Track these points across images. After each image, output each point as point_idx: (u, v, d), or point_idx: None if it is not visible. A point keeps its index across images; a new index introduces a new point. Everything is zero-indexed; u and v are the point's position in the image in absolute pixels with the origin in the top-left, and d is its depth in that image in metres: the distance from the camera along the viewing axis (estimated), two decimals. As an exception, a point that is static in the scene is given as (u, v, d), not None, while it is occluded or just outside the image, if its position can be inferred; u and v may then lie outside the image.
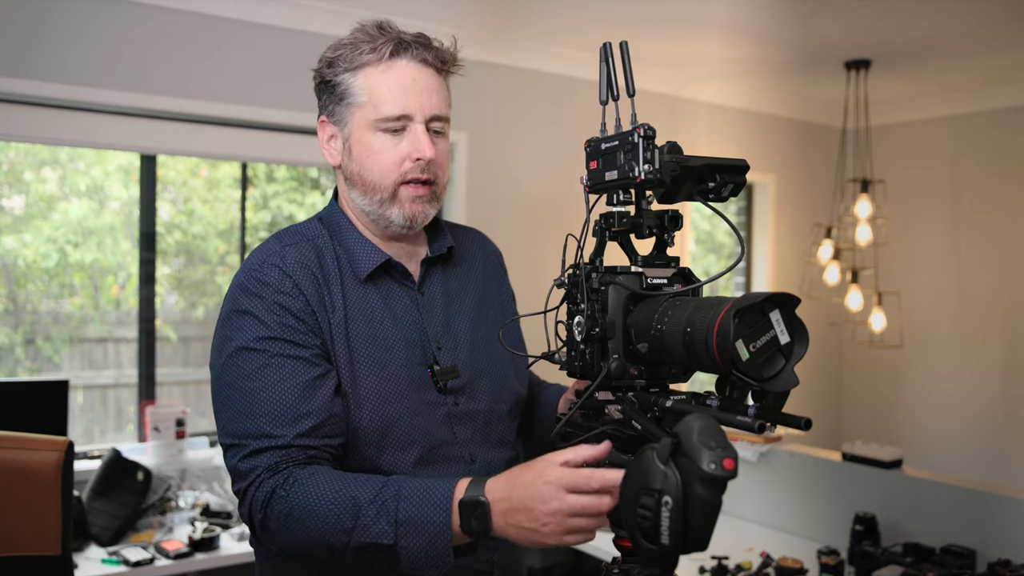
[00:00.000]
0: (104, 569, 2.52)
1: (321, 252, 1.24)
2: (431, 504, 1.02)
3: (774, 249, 5.18)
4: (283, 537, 1.09)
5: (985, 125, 4.86)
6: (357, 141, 1.24)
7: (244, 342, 1.15)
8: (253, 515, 1.10)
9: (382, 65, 1.21)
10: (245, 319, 1.17)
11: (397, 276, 1.29)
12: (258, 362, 1.14)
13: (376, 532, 1.02)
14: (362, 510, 1.03)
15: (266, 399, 1.12)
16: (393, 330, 1.24)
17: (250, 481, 1.10)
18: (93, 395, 4.23)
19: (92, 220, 4.15)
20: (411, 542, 1.01)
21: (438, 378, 1.25)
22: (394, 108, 1.21)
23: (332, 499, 1.04)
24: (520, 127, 4.06)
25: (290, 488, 1.07)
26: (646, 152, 0.95)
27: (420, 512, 1.01)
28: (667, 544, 0.78)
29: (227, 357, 1.17)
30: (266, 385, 1.13)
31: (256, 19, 3.31)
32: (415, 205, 1.24)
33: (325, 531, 1.04)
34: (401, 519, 1.02)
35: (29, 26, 2.89)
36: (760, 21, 3.65)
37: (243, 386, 1.14)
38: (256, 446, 1.11)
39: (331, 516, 1.03)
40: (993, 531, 2.38)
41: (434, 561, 1.02)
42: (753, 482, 3.02)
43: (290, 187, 4.86)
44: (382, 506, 1.03)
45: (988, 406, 4.84)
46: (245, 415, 1.12)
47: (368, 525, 1.02)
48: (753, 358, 0.86)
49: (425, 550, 1.01)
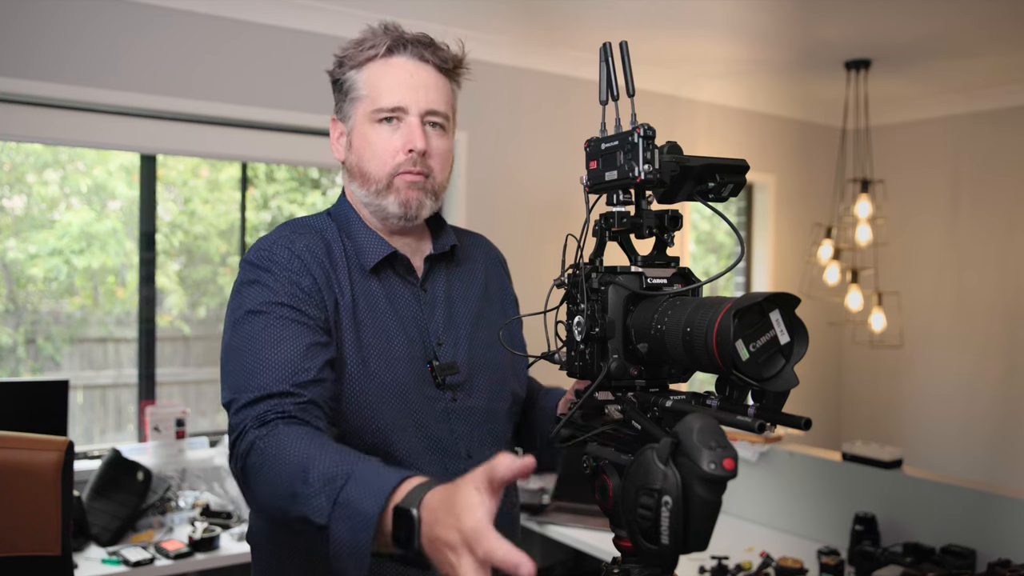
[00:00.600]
0: (104, 569, 2.52)
1: (328, 243, 1.27)
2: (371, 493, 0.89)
3: (774, 249, 5.18)
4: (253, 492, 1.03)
5: (985, 125, 4.86)
6: (357, 133, 1.28)
7: (252, 306, 1.17)
8: (235, 466, 1.06)
9: (381, 61, 1.27)
10: (254, 288, 1.19)
11: (401, 271, 1.31)
12: (263, 323, 1.15)
13: (314, 507, 0.92)
14: (310, 478, 0.94)
15: (266, 356, 1.12)
16: (395, 323, 1.26)
17: (237, 433, 1.08)
18: (93, 395, 4.23)
19: (95, 226, 4.15)
20: (340, 528, 0.90)
21: (437, 373, 1.26)
22: (390, 100, 1.25)
23: (293, 458, 0.97)
24: (520, 127, 4.07)
25: (267, 440, 1.02)
26: (646, 152, 0.95)
27: (358, 499, 0.90)
28: (667, 544, 0.78)
29: (234, 323, 1.18)
30: (268, 343, 1.13)
31: (256, 19, 3.31)
32: (410, 191, 1.26)
33: (277, 492, 0.97)
34: (340, 500, 0.91)
35: (29, 26, 2.89)
36: (760, 21, 3.66)
37: (246, 346, 1.14)
38: (248, 398, 1.09)
39: (285, 476, 0.97)
40: (993, 531, 2.39)
41: (354, 556, 0.88)
42: (753, 482, 3.02)
43: (290, 187, 4.86)
44: (330, 480, 0.93)
45: (988, 406, 4.84)
46: (245, 371, 1.12)
47: (310, 496, 0.93)
48: (753, 358, 0.86)
49: (349, 541, 0.89)
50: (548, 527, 3.02)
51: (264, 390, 1.09)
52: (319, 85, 3.38)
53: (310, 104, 3.43)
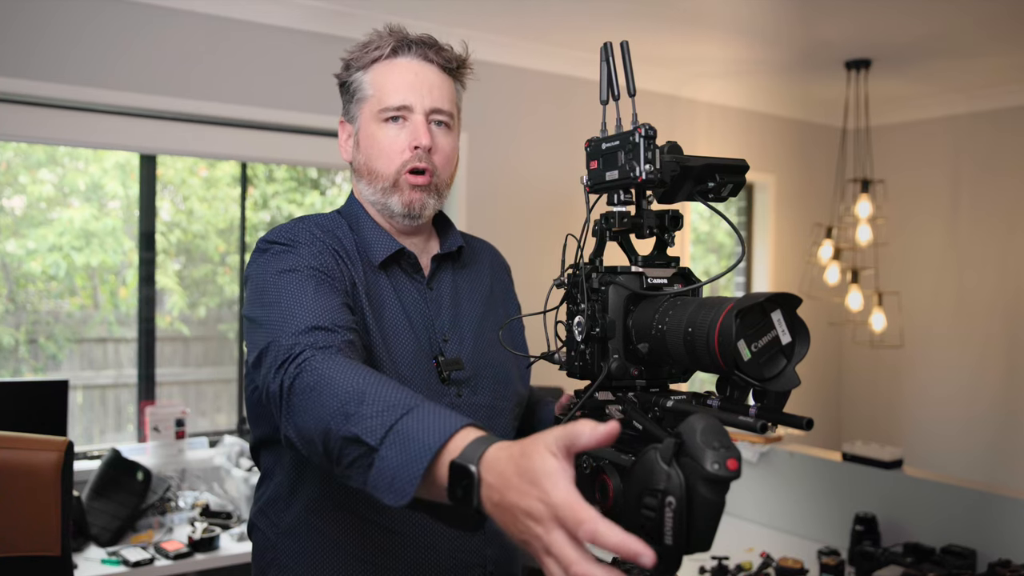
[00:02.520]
0: (104, 569, 2.52)
1: (339, 239, 1.29)
2: (431, 428, 0.86)
3: (774, 249, 5.18)
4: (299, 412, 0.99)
5: (985, 125, 4.86)
6: (364, 133, 1.31)
7: (286, 266, 1.16)
8: (284, 387, 1.02)
9: (386, 61, 1.29)
10: (281, 255, 1.18)
11: (408, 269, 1.33)
12: (297, 279, 1.15)
13: (368, 427, 0.89)
14: (368, 399, 0.92)
15: (306, 301, 1.11)
16: (402, 318, 1.28)
17: (288, 355, 1.03)
18: (93, 395, 4.23)
19: (94, 224, 4.15)
20: (391, 453, 0.86)
21: (443, 368, 1.28)
22: (395, 99, 1.28)
23: (355, 381, 0.95)
24: (520, 127, 4.06)
25: (324, 361, 1.00)
26: (647, 152, 0.95)
27: (417, 431, 0.86)
28: (671, 545, 0.78)
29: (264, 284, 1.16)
30: (306, 293, 1.12)
31: (256, 19, 3.31)
32: (413, 193, 1.28)
33: (331, 411, 0.93)
34: (397, 427, 0.88)
35: (29, 26, 2.89)
36: (760, 21, 3.65)
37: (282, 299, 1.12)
38: (296, 328, 1.07)
39: (344, 395, 0.94)
40: (993, 531, 2.38)
41: (398, 484, 0.85)
42: (753, 482, 3.02)
43: (289, 187, 4.86)
44: (390, 407, 0.90)
45: (988, 406, 4.84)
46: (285, 314, 1.10)
47: (367, 416, 0.90)
48: (755, 358, 0.86)
49: (396, 468, 0.85)
50: (548, 527, 3.02)
51: (310, 323, 1.07)
52: (318, 85, 3.40)
53: (309, 104, 3.43)
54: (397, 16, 3.51)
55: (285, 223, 1.28)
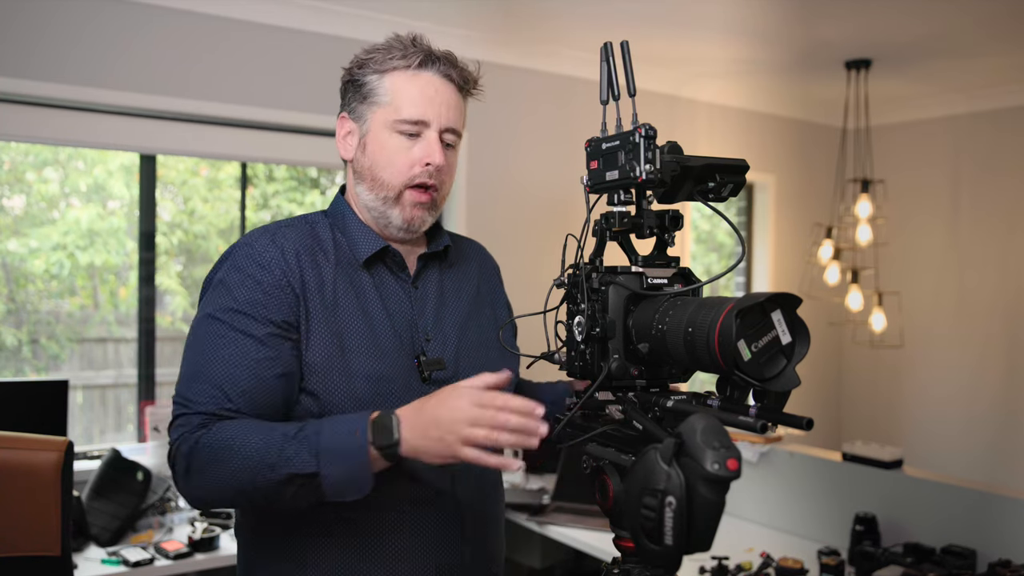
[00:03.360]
0: (104, 569, 2.52)
1: (318, 236, 1.30)
2: (348, 430, 1.07)
3: (774, 249, 5.18)
4: (207, 481, 1.12)
5: (985, 125, 4.86)
6: (374, 139, 1.30)
7: (211, 311, 1.22)
8: (178, 465, 1.15)
9: (410, 72, 1.29)
10: (219, 290, 1.23)
11: (393, 268, 1.33)
12: (217, 331, 1.20)
13: (299, 462, 1.06)
14: (286, 444, 1.07)
15: (212, 370, 1.18)
16: (383, 317, 1.28)
17: (180, 434, 1.16)
18: (93, 395, 4.23)
19: (98, 223, 4.15)
20: (332, 469, 1.05)
21: (424, 368, 1.28)
22: (414, 112, 1.27)
23: (255, 438, 1.09)
24: (520, 127, 4.06)
25: (216, 432, 1.12)
26: (647, 152, 0.95)
27: (338, 439, 1.06)
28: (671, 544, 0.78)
29: (196, 322, 1.24)
30: (217, 357, 1.18)
31: (256, 19, 3.31)
32: (415, 210, 1.29)
33: (250, 469, 1.08)
34: (322, 448, 1.06)
35: (29, 26, 2.89)
36: (760, 21, 3.65)
37: (198, 350, 1.21)
38: (193, 408, 1.17)
39: (255, 454, 1.08)
40: (993, 531, 2.38)
41: (355, 483, 1.06)
42: (753, 482, 3.02)
43: (290, 187, 4.86)
44: (304, 440, 1.07)
45: (988, 406, 4.84)
46: (192, 378, 1.19)
47: (291, 456, 1.06)
48: (755, 358, 0.86)
49: (345, 474, 1.06)
50: (548, 527, 3.02)
51: (202, 407, 1.16)
52: (318, 85, 3.40)
53: (309, 104, 3.43)
54: (397, 16, 3.51)
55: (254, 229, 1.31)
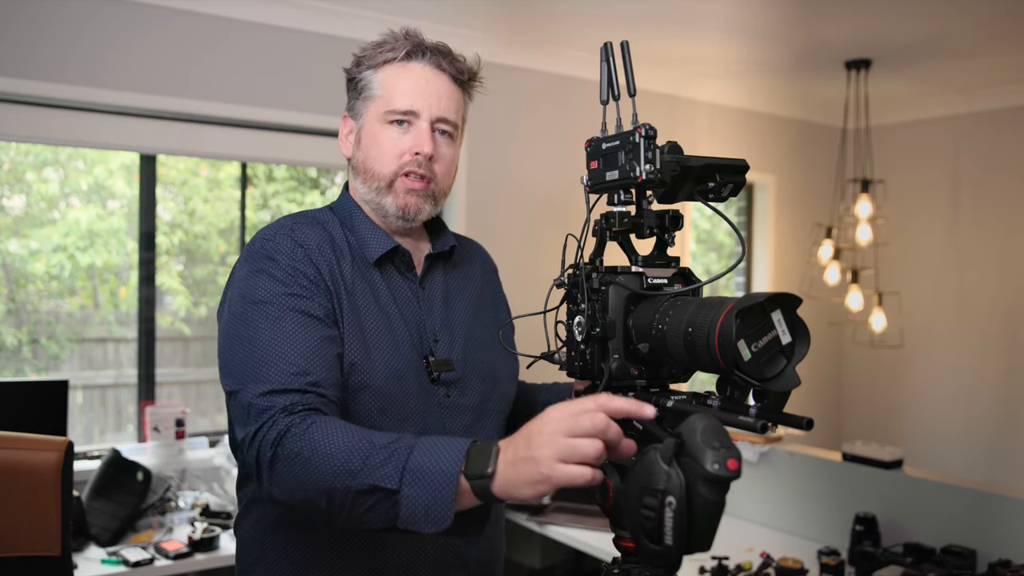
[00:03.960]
0: (104, 569, 2.52)
1: (331, 234, 1.29)
2: (443, 453, 0.95)
3: (774, 249, 5.18)
4: (288, 478, 1.03)
5: (985, 125, 4.86)
6: (367, 132, 1.31)
7: (259, 296, 1.17)
8: (262, 454, 1.05)
9: (398, 64, 1.29)
10: (260, 277, 1.19)
11: (401, 267, 1.33)
12: (273, 314, 1.15)
13: (382, 475, 0.96)
14: (374, 453, 0.98)
15: (280, 349, 1.12)
16: (396, 315, 1.28)
17: (264, 420, 1.07)
18: (93, 395, 4.23)
19: (98, 224, 4.15)
20: (415, 490, 0.94)
21: (432, 368, 1.28)
22: (403, 103, 1.28)
23: (346, 442, 1.00)
24: (520, 127, 4.06)
25: (306, 429, 1.03)
26: (647, 152, 0.95)
27: (430, 461, 0.95)
28: (671, 545, 0.78)
29: (240, 311, 1.18)
30: (281, 336, 1.13)
31: (256, 19, 3.31)
32: (408, 196, 1.29)
33: (332, 473, 0.98)
34: (410, 466, 0.95)
35: (29, 26, 2.89)
36: (760, 21, 3.65)
37: (256, 336, 1.14)
38: (264, 389, 1.09)
39: (342, 457, 0.99)
40: (993, 531, 2.38)
41: (434, 515, 0.94)
42: (753, 482, 3.02)
43: (290, 187, 4.86)
44: (394, 452, 0.97)
45: (988, 406, 4.84)
46: (258, 363, 1.12)
47: (376, 467, 0.96)
48: (755, 358, 0.86)
49: (427, 501, 0.94)
50: (548, 527, 3.02)
51: (280, 384, 1.09)
52: (318, 85, 3.40)
53: (309, 104, 3.43)
54: (397, 16, 3.51)
55: (271, 224, 1.28)
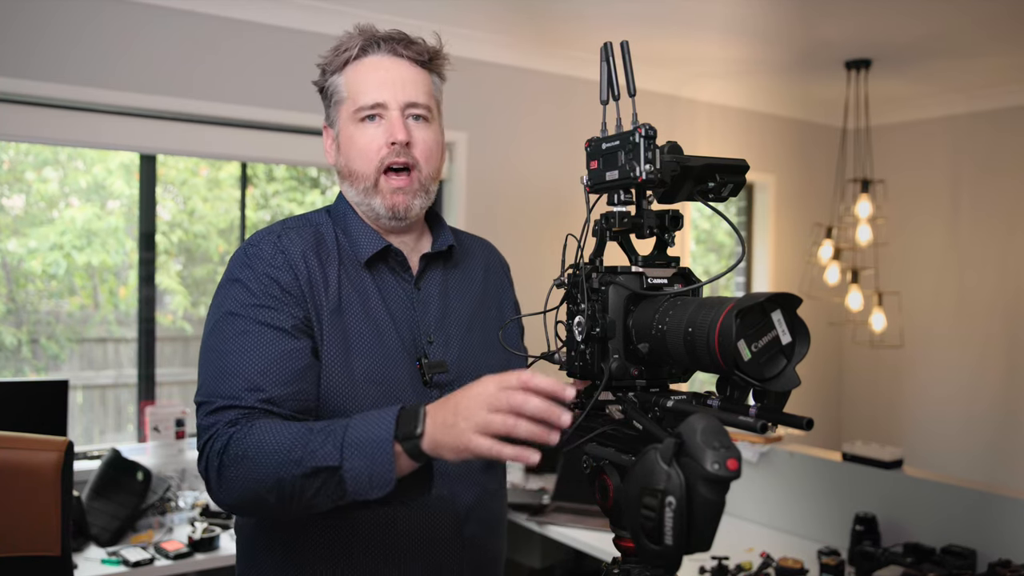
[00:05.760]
0: (104, 569, 2.52)
1: (322, 236, 1.29)
2: (375, 422, 1.01)
3: (774, 249, 5.18)
4: (236, 481, 1.08)
5: (985, 125, 4.86)
6: (344, 135, 1.31)
7: (230, 308, 1.20)
8: (210, 465, 1.10)
9: (356, 61, 1.30)
10: (235, 287, 1.22)
11: (396, 268, 1.31)
12: (239, 327, 1.18)
13: (323, 455, 1.01)
14: (312, 437, 1.03)
15: (239, 363, 1.15)
16: (386, 318, 1.27)
17: (210, 435, 1.12)
18: (93, 395, 4.23)
19: (97, 223, 4.15)
20: (356, 462, 1.00)
21: (425, 371, 1.27)
22: (368, 97, 1.27)
23: (285, 435, 1.05)
24: (520, 127, 4.06)
25: (248, 431, 1.08)
26: (647, 152, 0.95)
27: (365, 432, 1.00)
28: (671, 545, 0.78)
29: (214, 322, 1.21)
30: (243, 349, 1.16)
31: (256, 19, 3.31)
32: (395, 196, 1.28)
33: (277, 464, 1.03)
34: (347, 441, 1.01)
35: (29, 26, 2.89)
36: (760, 21, 3.65)
37: (222, 348, 1.17)
38: (221, 404, 1.13)
39: (284, 449, 1.04)
40: (993, 531, 2.38)
41: (377, 480, 0.99)
42: (753, 482, 3.02)
43: (290, 186, 4.86)
44: (331, 432, 1.03)
45: (988, 406, 4.84)
46: (218, 376, 1.16)
47: (316, 450, 1.02)
48: (755, 358, 0.86)
49: (368, 469, 0.99)
50: (548, 527, 3.02)
51: (234, 400, 1.13)
52: (319, 85, 3.39)
53: (310, 104, 3.42)
54: (397, 16, 3.51)
55: (261, 229, 1.29)
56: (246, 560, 1.30)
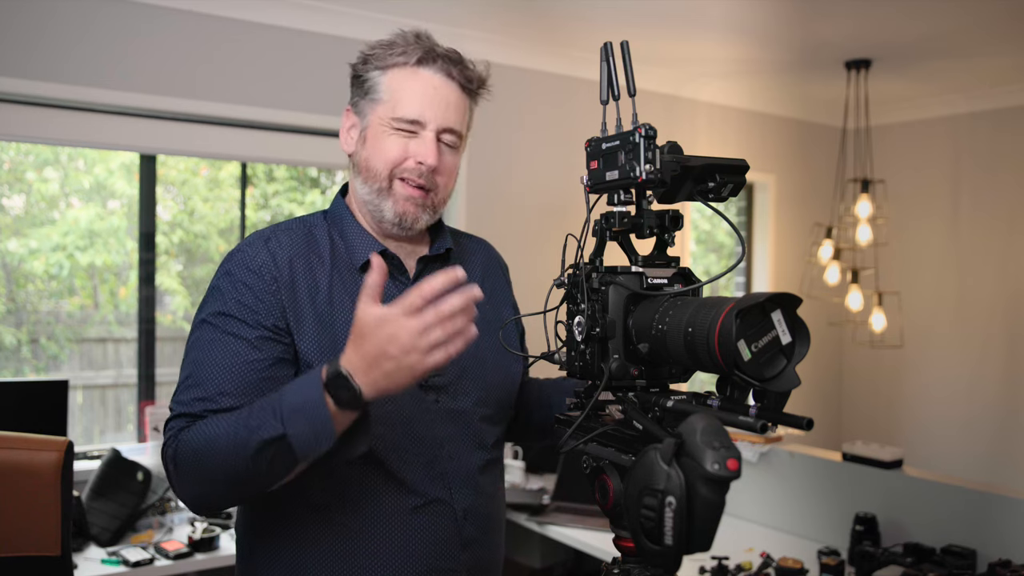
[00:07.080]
0: (104, 569, 2.52)
1: (315, 239, 1.29)
2: (304, 386, 1.06)
3: (774, 249, 5.18)
4: (192, 474, 1.13)
5: (985, 125, 4.86)
6: (372, 133, 1.28)
7: (204, 315, 1.23)
8: (168, 469, 1.16)
9: (408, 69, 1.27)
10: (213, 294, 1.24)
11: (392, 272, 1.30)
12: (208, 336, 1.21)
13: (267, 429, 1.05)
14: (252, 416, 1.07)
15: (201, 373, 1.18)
16: None
17: (167, 437, 1.16)
18: (93, 395, 4.23)
19: (99, 223, 4.15)
20: (298, 426, 1.04)
21: None
22: (411, 111, 1.25)
23: (225, 424, 1.10)
24: (520, 127, 4.06)
25: (191, 432, 1.13)
26: (647, 152, 0.95)
27: (297, 396, 1.05)
28: (671, 545, 0.78)
29: (192, 328, 1.25)
30: (207, 359, 1.19)
31: (256, 19, 3.31)
32: (406, 204, 1.27)
33: (226, 451, 1.08)
34: (285, 409, 1.05)
35: (29, 26, 2.89)
36: (760, 21, 3.65)
37: (191, 356, 1.22)
38: (178, 411, 1.18)
39: (229, 434, 1.08)
40: (993, 531, 2.39)
41: (322, 436, 1.04)
42: (753, 482, 3.02)
43: (290, 186, 4.86)
44: (265, 408, 1.07)
45: (988, 406, 4.84)
46: (183, 384, 1.20)
47: (258, 426, 1.06)
48: (755, 358, 0.86)
49: (311, 429, 1.04)
50: (548, 527, 3.02)
51: (187, 407, 1.17)
52: (319, 85, 3.40)
53: (310, 104, 3.43)
54: (397, 16, 3.51)
55: (251, 234, 1.30)
56: (246, 560, 1.30)
